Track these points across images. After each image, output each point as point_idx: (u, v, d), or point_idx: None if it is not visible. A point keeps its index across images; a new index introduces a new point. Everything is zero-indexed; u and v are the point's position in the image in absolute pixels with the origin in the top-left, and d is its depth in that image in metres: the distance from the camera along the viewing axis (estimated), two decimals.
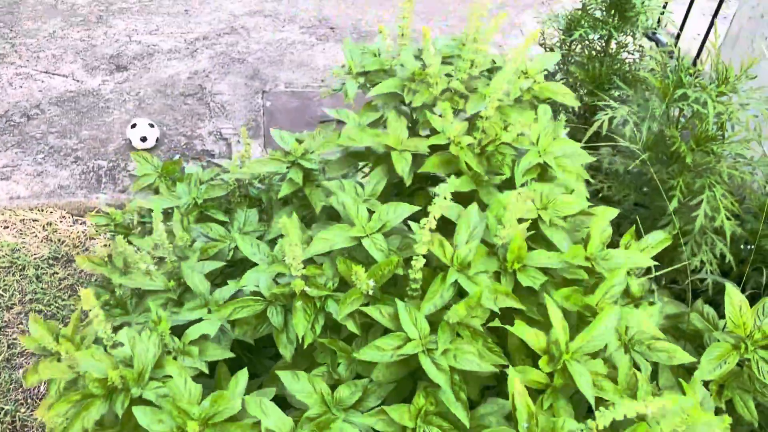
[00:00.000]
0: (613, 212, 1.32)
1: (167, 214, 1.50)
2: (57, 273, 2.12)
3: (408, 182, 1.19)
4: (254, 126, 2.74)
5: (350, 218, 1.11)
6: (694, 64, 2.40)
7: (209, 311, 1.13)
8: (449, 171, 1.23)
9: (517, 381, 0.95)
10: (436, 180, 1.41)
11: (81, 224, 2.27)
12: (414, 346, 0.99)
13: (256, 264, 1.15)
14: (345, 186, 1.20)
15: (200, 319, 1.13)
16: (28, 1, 3.37)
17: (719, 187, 1.61)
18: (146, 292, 1.27)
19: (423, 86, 1.27)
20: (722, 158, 1.62)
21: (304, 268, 1.06)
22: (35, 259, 2.15)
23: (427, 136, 1.26)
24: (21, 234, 2.21)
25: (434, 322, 1.03)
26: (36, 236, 2.21)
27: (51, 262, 2.15)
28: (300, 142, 1.40)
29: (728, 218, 1.60)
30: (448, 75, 1.32)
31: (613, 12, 2.08)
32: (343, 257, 1.09)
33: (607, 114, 1.68)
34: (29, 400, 1.80)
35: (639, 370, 1.19)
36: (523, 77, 1.33)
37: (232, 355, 1.11)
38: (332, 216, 1.27)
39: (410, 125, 1.41)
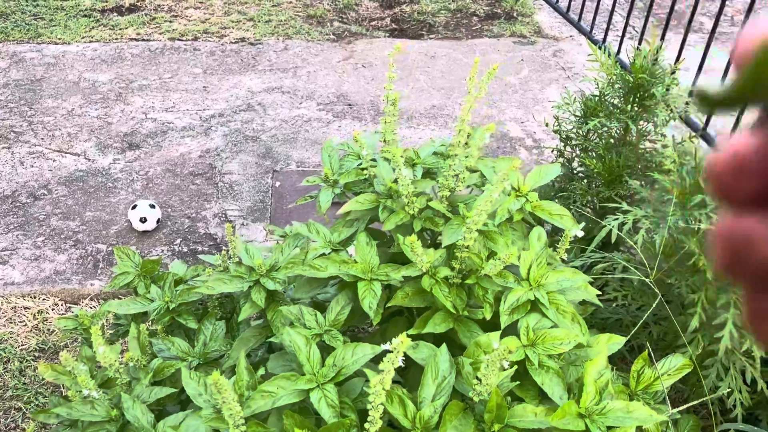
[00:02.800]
0: (618, 341, 1.15)
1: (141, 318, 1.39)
2: None
3: (376, 320, 1.06)
4: (261, 207, 2.66)
5: (300, 363, 0.97)
6: None
7: None
8: (425, 303, 1.09)
9: None
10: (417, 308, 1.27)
11: (73, 313, 2.19)
12: None
13: (198, 410, 1.01)
14: (304, 314, 1.07)
15: None
16: (51, 79, 3.43)
17: None
18: (86, 425, 1.15)
19: (399, 204, 1.15)
20: None
21: (245, 423, 0.92)
22: (21, 350, 2.06)
23: (403, 264, 1.13)
24: (10, 323, 2.14)
25: None
26: (25, 325, 2.14)
27: (37, 354, 2.06)
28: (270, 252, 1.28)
29: None
30: (431, 191, 1.20)
31: (631, 100, 1.94)
32: (292, 410, 0.95)
33: (617, 219, 1.52)
34: None
35: None
36: (514, 195, 1.20)
37: None
38: None
39: (391, 238, 1.28)
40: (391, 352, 0.84)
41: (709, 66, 3.88)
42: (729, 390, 1.43)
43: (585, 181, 2.10)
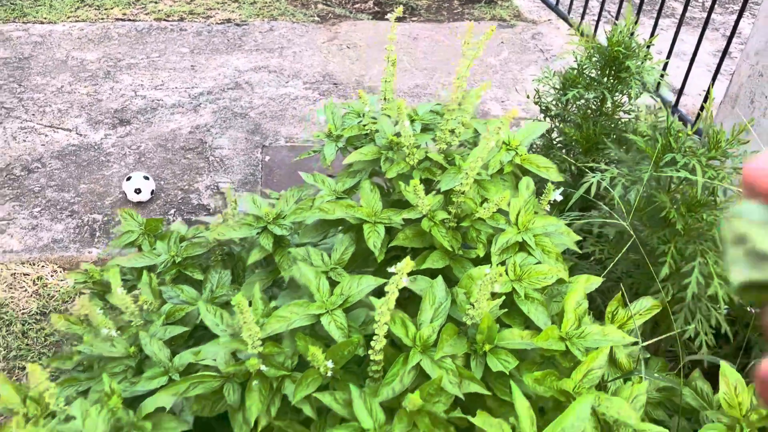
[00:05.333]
0: (594, 282, 1.27)
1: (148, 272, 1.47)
2: (44, 329, 2.09)
3: (380, 258, 1.16)
4: (252, 181, 2.74)
5: (311, 292, 1.07)
6: (694, 123, 2.37)
7: (170, 379, 1.09)
8: (423, 244, 1.19)
9: None
10: (415, 249, 1.38)
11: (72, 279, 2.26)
12: None
13: (215, 338, 1.11)
14: (311, 254, 1.17)
15: (160, 388, 1.09)
16: (39, 57, 3.46)
17: (712, 253, 1.55)
18: (106, 360, 1.24)
19: (400, 155, 1.25)
20: (714, 225, 1.57)
21: (262, 345, 1.02)
22: (23, 314, 2.13)
23: (405, 203, 1.23)
24: (11, 288, 2.20)
25: (394, 408, 0.98)
26: (26, 291, 2.20)
27: (38, 317, 2.13)
28: (274, 204, 1.38)
29: (722, 287, 1.53)
30: (434, 140, 1.30)
31: (607, 72, 2.06)
32: (304, 333, 1.05)
33: (595, 177, 1.64)
34: None
35: None
36: (505, 149, 1.30)
37: (189, 427, 1.06)
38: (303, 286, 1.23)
39: (389, 191, 1.38)
40: (396, 274, 0.95)
41: (679, 50, 4.02)
42: (696, 332, 1.56)
43: (564, 150, 2.21)
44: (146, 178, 2.55)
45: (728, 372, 1.26)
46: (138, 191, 2.49)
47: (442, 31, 4.15)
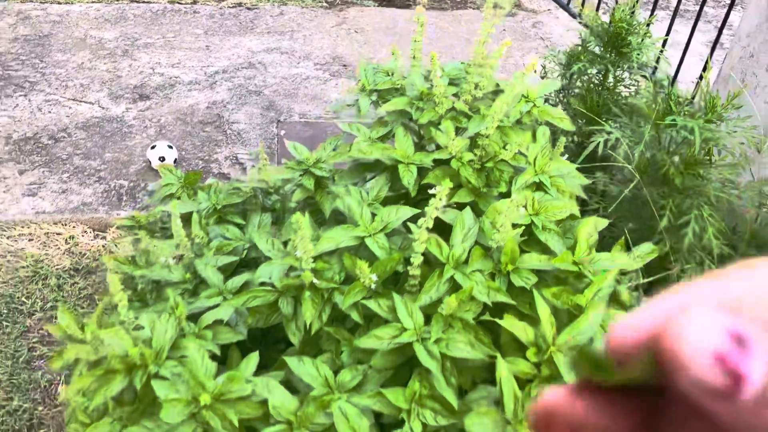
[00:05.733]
0: (602, 222, 1.41)
1: (187, 219, 1.60)
2: (77, 283, 2.22)
3: (413, 193, 1.30)
4: (269, 153, 2.87)
5: (355, 220, 1.21)
6: (692, 101, 2.52)
7: (224, 299, 1.22)
8: (451, 184, 1.33)
9: (504, 367, 1.03)
10: None
11: (102, 239, 2.38)
12: (409, 335, 1.07)
13: (268, 260, 1.24)
14: (351, 191, 1.30)
15: (215, 306, 1.23)
16: (58, 35, 3.57)
17: (706, 207, 1.70)
18: (164, 285, 1.37)
19: (429, 105, 1.39)
20: (709, 182, 1.72)
21: (313, 262, 1.15)
22: (57, 269, 2.25)
23: (432, 151, 1.37)
24: (44, 246, 2.33)
25: (430, 314, 1.12)
26: (59, 249, 2.32)
27: (72, 273, 2.25)
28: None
29: (716, 238, 1.68)
30: (455, 95, 1.44)
31: (610, 49, 2.21)
32: (350, 254, 1.19)
33: (602, 137, 1.78)
34: (46, 400, 1.88)
35: None
36: (524, 101, 1.45)
37: (243, 337, 1.20)
38: (340, 221, 1.36)
39: (417, 140, 1.52)
40: (434, 196, 1.09)
41: (674, 40, 4.19)
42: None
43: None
44: (170, 147, 2.68)
45: None
46: (162, 159, 2.62)
47: (446, 18, 4.29)
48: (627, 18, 2.13)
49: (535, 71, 2.47)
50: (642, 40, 2.18)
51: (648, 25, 2.22)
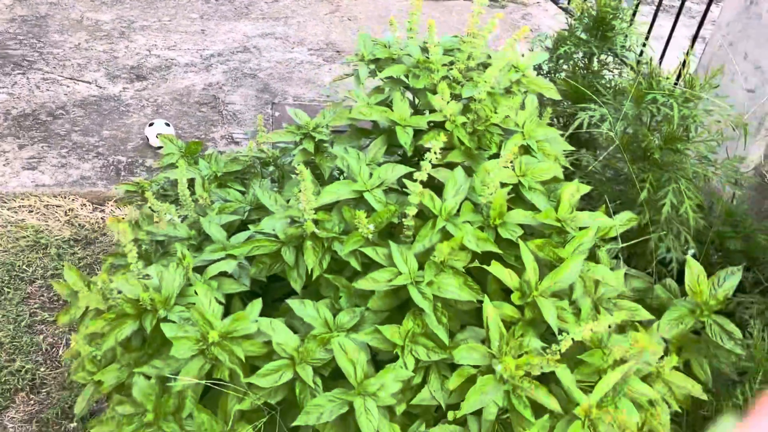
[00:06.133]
0: (584, 188, 1.49)
1: (190, 186, 1.67)
2: (77, 253, 2.28)
3: (410, 152, 1.38)
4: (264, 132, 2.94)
5: (354, 176, 1.28)
6: (676, 84, 2.62)
7: (228, 255, 1.30)
8: (445, 145, 1.41)
9: (490, 307, 1.12)
10: None
11: (100, 212, 2.44)
12: (404, 278, 1.16)
13: (271, 215, 1.31)
14: (349, 151, 1.38)
15: (219, 260, 1.30)
16: (55, 16, 3.61)
17: (684, 180, 1.79)
18: (169, 243, 1.44)
19: (425, 72, 1.47)
20: (687, 157, 1.81)
21: (315, 213, 1.23)
22: (57, 240, 2.31)
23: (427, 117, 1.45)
24: (45, 218, 2.38)
25: (423, 262, 1.20)
26: (58, 220, 2.38)
27: (72, 243, 2.31)
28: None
29: (693, 210, 1.78)
30: (451, 63, 1.52)
31: (595, 32, 2.30)
32: (348, 207, 1.27)
33: (586, 113, 1.87)
34: (48, 362, 1.94)
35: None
36: (514, 70, 1.53)
37: (247, 288, 1.27)
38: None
39: (413, 107, 1.60)
40: (429, 150, 1.17)
41: (658, 34, 4.29)
42: (668, 249, 1.81)
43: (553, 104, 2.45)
44: (167, 124, 2.74)
45: (692, 264, 1.50)
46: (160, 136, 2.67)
47: (438, 8, 4.37)
48: (612, 3, 2.22)
49: (523, 55, 2.56)
50: (629, 25, 2.27)
51: (634, 13, 2.31)
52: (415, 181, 1.19)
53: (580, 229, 1.31)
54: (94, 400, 1.41)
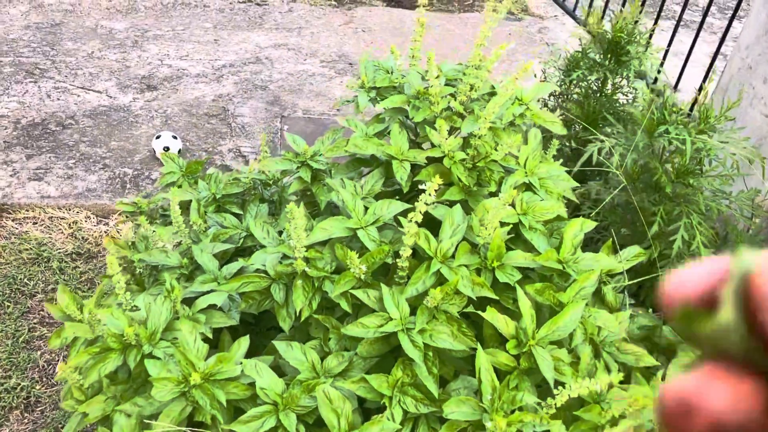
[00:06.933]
0: (589, 224, 1.44)
1: (187, 208, 1.64)
2: (78, 267, 2.26)
3: (405, 189, 1.34)
4: (271, 147, 2.91)
5: (348, 212, 1.25)
6: (690, 113, 2.56)
7: (219, 284, 1.27)
8: (443, 181, 1.37)
9: (483, 357, 1.07)
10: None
11: (104, 225, 2.43)
12: (394, 324, 1.11)
13: (263, 248, 1.28)
14: (346, 184, 1.34)
15: (209, 292, 1.27)
16: (69, 24, 3.62)
17: (696, 215, 1.73)
18: (162, 270, 1.41)
19: (426, 104, 1.43)
20: (700, 191, 1.75)
21: (306, 251, 1.19)
22: (59, 253, 2.30)
23: (427, 149, 1.41)
24: (48, 230, 2.37)
25: (415, 306, 1.15)
26: (62, 233, 2.37)
27: (74, 257, 2.30)
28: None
29: (705, 246, 1.72)
30: (452, 95, 1.48)
31: (609, 56, 2.25)
32: (341, 245, 1.23)
33: (596, 145, 1.82)
34: (44, 379, 1.93)
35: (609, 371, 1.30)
36: (517, 103, 1.48)
37: (236, 322, 1.24)
38: (335, 213, 1.41)
39: (413, 138, 1.56)
40: (425, 191, 1.12)
41: (678, 50, 4.22)
42: None
43: (564, 127, 2.40)
44: (174, 137, 2.72)
45: None
46: (166, 149, 2.66)
47: (453, 20, 4.33)
48: (628, 27, 2.17)
49: (535, 75, 2.51)
50: (645, 50, 2.21)
51: (650, 36, 2.25)
52: (410, 221, 1.15)
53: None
54: (81, 428, 1.38)
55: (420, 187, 1.17)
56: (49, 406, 1.87)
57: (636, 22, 2.22)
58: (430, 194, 1.12)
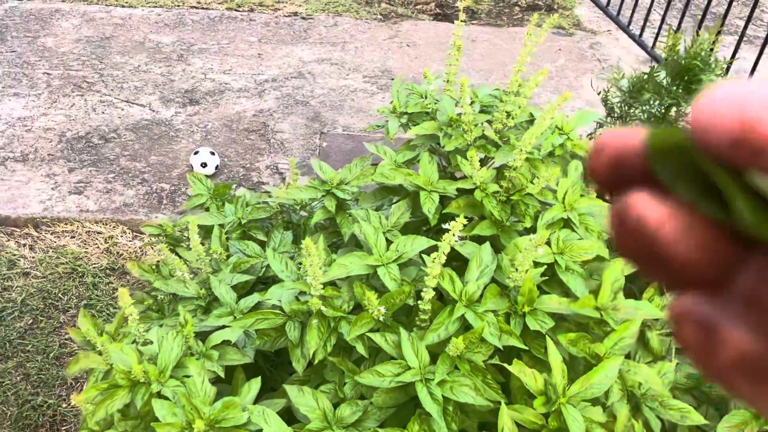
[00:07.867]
0: (630, 266, 1.33)
1: (210, 232, 1.61)
2: (112, 283, 2.26)
3: (433, 222, 1.26)
4: (308, 164, 2.88)
5: (369, 247, 1.18)
6: None
7: (234, 319, 1.21)
8: (474, 214, 1.29)
9: (507, 416, 0.98)
10: (465, 219, 1.47)
11: (139, 240, 2.43)
12: (412, 374, 1.04)
13: (281, 282, 1.23)
14: (370, 216, 1.28)
15: (225, 327, 1.22)
16: (119, 37, 3.69)
17: None
18: (180, 298, 1.38)
19: (458, 132, 1.35)
20: None
21: (323, 288, 1.13)
22: (94, 268, 2.31)
23: (460, 179, 1.33)
24: (85, 244, 2.39)
25: (437, 353, 1.07)
26: (98, 247, 2.38)
27: (108, 272, 2.30)
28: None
29: None
30: (489, 122, 1.40)
31: (678, 82, 2.11)
32: (361, 282, 1.16)
33: None
34: (71, 397, 1.92)
35: (651, 428, 1.19)
36: (558, 133, 1.39)
37: (250, 360, 1.18)
38: (359, 244, 1.34)
39: (445, 166, 1.48)
40: (449, 231, 1.05)
41: (740, 67, 4.00)
42: None
43: None
44: (212, 153, 2.72)
45: None
46: (204, 165, 2.65)
47: (501, 35, 4.23)
48: (703, 55, 2.03)
49: (599, 93, 2.38)
50: (721, 77, 2.08)
51: (729, 66, 2.11)
52: (434, 261, 1.07)
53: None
54: None
55: (450, 219, 1.09)
56: (74, 425, 1.86)
57: (712, 49, 2.08)
58: (454, 234, 1.04)
